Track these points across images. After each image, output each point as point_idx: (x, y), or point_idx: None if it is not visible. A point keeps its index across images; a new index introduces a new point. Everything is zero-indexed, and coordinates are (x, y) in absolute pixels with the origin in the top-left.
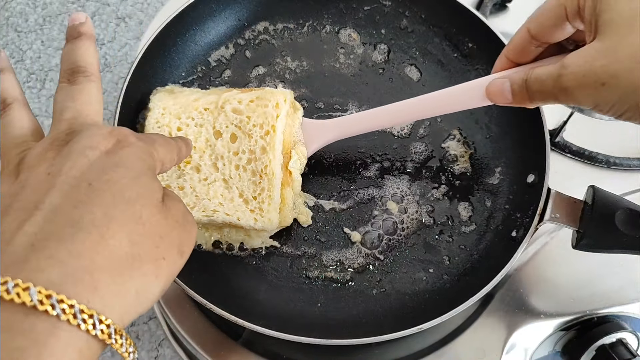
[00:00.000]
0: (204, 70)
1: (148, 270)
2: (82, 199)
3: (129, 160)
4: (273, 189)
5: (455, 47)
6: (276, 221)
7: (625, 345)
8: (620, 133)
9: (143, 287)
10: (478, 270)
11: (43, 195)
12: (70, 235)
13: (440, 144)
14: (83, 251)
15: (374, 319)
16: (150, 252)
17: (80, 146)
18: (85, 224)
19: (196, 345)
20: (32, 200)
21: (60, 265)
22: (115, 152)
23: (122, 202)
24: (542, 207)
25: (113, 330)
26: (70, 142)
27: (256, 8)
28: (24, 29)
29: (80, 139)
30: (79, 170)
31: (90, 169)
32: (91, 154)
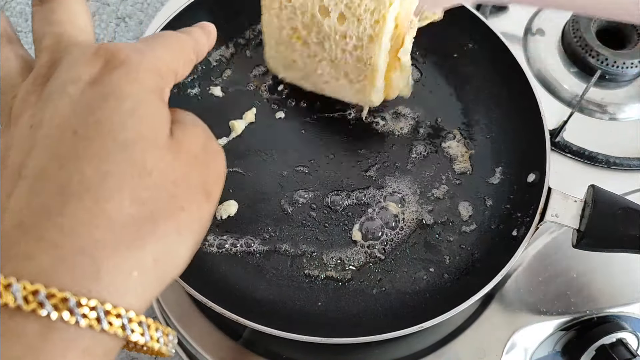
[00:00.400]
0: (204, 69)
1: (165, 229)
2: (68, 154)
3: (121, 87)
4: (375, 79)
5: (455, 47)
6: (378, 102)
7: (625, 345)
8: (620, 133)
9: (163, 252)
10: (478, 269)
11: (26, 156)
12: (59, 207)
13: (441, 144)
14: (76, 225)
15: (374, 317)
16: (165, 206)
17: (59, 83)
18: (74, 189)
19: (196, 345)
20: (16, 164)
21: (51, 248)
22: (102, 80)
23: (116, 149)
24: (543, 207)
25: (127, 320)
26: (51, 77)
27: (256, 8)
28: (24, 29)
29: (60, 72)
30: (61, 117)
31: (75, 111)
32: (73, 90)
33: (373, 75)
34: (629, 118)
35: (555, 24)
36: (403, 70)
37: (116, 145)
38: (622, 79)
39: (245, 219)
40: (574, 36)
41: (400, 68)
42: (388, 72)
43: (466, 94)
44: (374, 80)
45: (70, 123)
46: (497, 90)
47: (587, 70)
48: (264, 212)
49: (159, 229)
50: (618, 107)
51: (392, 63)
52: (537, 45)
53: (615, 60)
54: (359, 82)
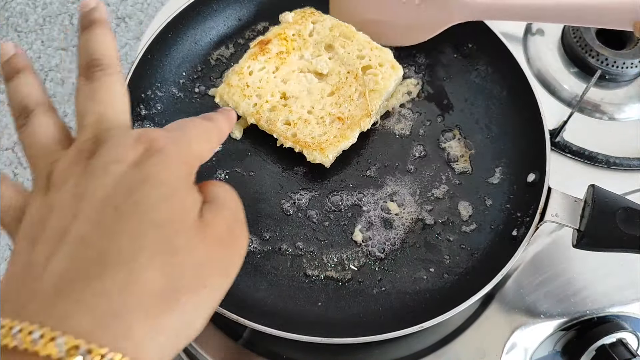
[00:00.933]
0: (204, 69)
1: (188, 302)
2: (109, 227)
3: (157, 173)
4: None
5: (455, 47)
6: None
7: (625, 345)
8: (620, 133)
9: (183, 322)
10: (478, 269)
11: (69, 222)
12: (98, 274)
13: (441, 144)
14: (112, 291)
15: (374, 318)
16: (189, 282)
17: (104, 161)
18: (112, 259)
19: (196, 345)
20: (58, 229)
21: (88, 310)
22: (142, 164)
23: (151, 228)
24: (543, 207)
25: None
26: (96, 154)
27: (256, 8)
28: (24, 29)
29: (105, 151)
30: (104, 192)
31: (116, 189)
32: (116, 170)
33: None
34: (629, 118)
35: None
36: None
37: (151, 225)
38: (622, 79)
39: (246, 219)
40: (574, 36)
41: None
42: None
43: (466, 94)
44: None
45: (112, 199)
46: (497, 90)
47: (587, 70)
48: (264, 212)
49: (182, 301)
50: (618, 107)
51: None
52: (537, 45)
53: (615, 60)
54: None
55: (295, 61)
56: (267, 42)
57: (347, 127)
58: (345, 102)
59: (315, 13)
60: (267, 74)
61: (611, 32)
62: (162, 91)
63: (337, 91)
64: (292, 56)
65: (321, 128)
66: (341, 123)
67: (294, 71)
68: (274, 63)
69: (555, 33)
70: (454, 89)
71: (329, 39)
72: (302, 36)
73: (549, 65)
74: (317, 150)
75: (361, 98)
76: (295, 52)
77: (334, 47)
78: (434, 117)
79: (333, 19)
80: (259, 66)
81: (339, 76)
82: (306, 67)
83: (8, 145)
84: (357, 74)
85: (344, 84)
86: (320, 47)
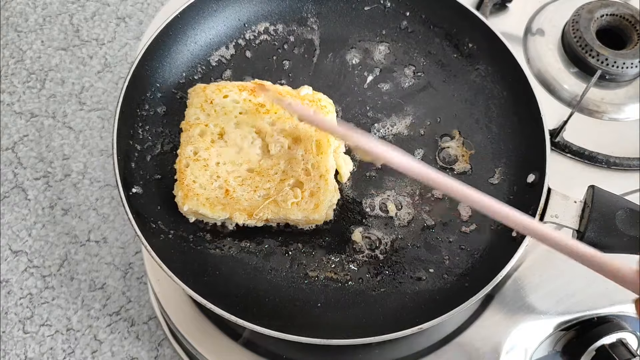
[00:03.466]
0: (204, 70)
1: None
2: None
3: None
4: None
5: (456, 47)
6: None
7: (625, 345)
8: (620, 133)
9: None
10: (478, 270)
11: None
12: None
13: (441, 144)
14: None
15: (374, 318)
16: None
17: None
18: None
19: (196, 345)
20: None
21: None
22: None
23: None
24: (543, 207)
25: None
26: None
27: (256, 8)
28: (24, 29)
29: None
30: None
31: None
32: None
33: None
34: (629, 118)
35: (555, 24)
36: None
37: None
38: (622, 79)
39: None
40: (574, 36)
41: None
42: None
43: (466, 94)
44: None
45: None
46: (497, 90)
47: (587, 70)
48: None
49: None
50: (618, 107)
51: None
52: (537, 45)
53: (615, 60)
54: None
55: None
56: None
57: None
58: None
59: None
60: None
61: (611, 32)
62: (162, 91)
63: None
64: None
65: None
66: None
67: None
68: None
69: (555, 33)
70: (454, 89)
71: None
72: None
73: (549, 65)
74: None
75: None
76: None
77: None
78: (434, 117)
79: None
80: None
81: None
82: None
83: (8, 145)
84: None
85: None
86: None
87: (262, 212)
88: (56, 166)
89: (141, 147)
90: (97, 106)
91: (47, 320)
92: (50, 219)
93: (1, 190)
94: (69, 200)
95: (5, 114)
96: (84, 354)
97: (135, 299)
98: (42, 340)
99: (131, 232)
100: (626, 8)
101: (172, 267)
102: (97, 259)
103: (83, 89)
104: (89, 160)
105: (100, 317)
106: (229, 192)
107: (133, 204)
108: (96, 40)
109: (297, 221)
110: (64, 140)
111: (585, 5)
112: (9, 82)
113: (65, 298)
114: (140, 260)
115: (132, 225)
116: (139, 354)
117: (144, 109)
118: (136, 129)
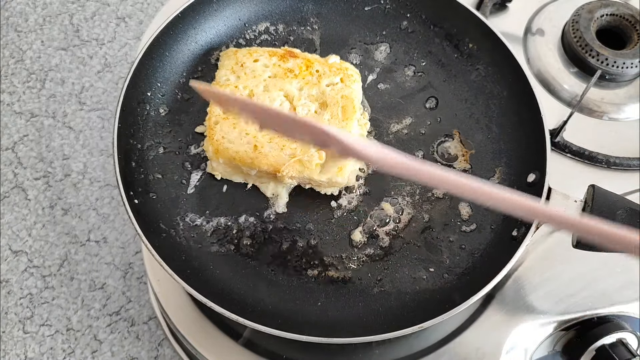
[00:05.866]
0: (205, 69)
1: None
2: None
3: None
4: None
5: (456, 47)
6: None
7: (625, 345)
8: (620, 133)
9: None
10: (478, 269)
11: None
12: None
13: (441, 143)
14: None
15: (374, 317)
16: None
17: None
18: None
19: (196, 345)
20: None
21: None
22: None
23: None
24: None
25: None
26: None
27: (257, 8)
28: (24, 29)
29: None
30: None
31: None
32: None
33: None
34: (629, 118)
35: (555, 24)
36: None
37: None
38: (622, 79)
39: (247, 220)
40: (574, 36)
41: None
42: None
43: (466, 94)
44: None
45: None
46: (497, 90)
47: (587, 70)
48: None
49: None
50: (618, 107)
51: None
52: (537, 45)
53: (615, 60)
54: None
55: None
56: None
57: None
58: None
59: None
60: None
61: (611, 32)
62: (163, 91)
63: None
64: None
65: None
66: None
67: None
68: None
69: (555, 33)
70: (454, 89)
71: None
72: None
73: (549, 65)
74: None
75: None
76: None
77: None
78: (434, 117)
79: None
80: None
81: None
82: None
83: (8, 145)
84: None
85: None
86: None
87: (287, 169)
88: (56, 166)
89: (142, 146)
90: (97, 106)
91: (47, 320)
92: (50, 219)
93: (1, 190)
94: (69, 200)
95: (5, 114)
96: (84, 354)
97: (135, 299)
98: (42, 340)
99: (131, 232)
100: (626, 8)
101: (173, 266)
102: (97, 259)
103: (83, 89)
104: (89, 160)
105: (100, 317)
106: (257, 147)
107: (133, 203)
108: (96, 40)
109: (320, 183)
110: (64, 140)
111: (585, 5)
112: (9, 82)
113: (65, 298)
114: (140, 260)
115: (132, 225)
116: (139, 354)
117: (144, 108)
118: (137, 129)
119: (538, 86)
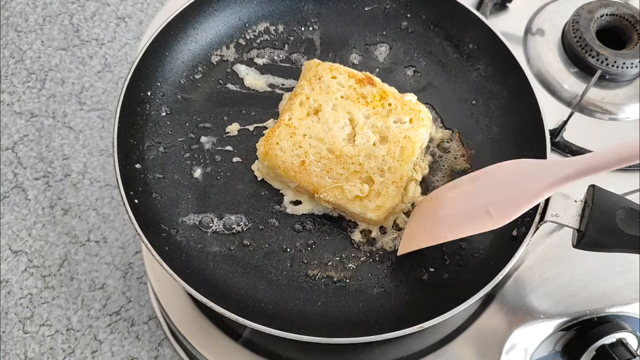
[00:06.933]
0: (205, 69)
1: None
2: None
3: None
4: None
5: (456, 47)
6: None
7: (625, 345)
8: (620, 133)
9: None
10: (479, 269)
11: None
12: None
13: (441, 143)
14: None
15: (374, 317)
16: None
17: None
18: None
19: (196, 345)
20: None
21: None
22: None
23: None
24: (543, 207)
25: None
26: None
27: (257, 8)
28: (24, 29)
29: None
30: None
31: None
32: None
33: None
34: (629, 118)
35: (555, 24)
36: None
37: None
38: (622, 79)
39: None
40: (574, 36)
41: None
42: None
43: (466, 94)
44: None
45: None
46: (497, 90)
47: (587, 70)
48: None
49: None
50: (618, 107)
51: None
52: (537, 45)
53: (615, 60)
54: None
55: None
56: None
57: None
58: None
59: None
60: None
61: (611, 32)
62: (163, 91)
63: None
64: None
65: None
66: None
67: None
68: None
69: (555, 33)
70: (454, 89)
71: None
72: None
73: (549, 65)
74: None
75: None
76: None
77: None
78: (434, 117)
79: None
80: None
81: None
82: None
83: (8, 145)
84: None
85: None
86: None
87: (326, 192)
88: (56, 166)
89: (142, 146)
90: (97, 106)
91: (47, 320)
92: (50, 219)
93: (1, 190)
94: (69, 200)
95: (5, 114)
96: (84, 354)
97: (135, 299)
98: (42, 340)
99: (131, 232)
100: (626, 8)
101: (173, 266)
102: (97, 259)
103: (83, 89)
104: (89, 160)
105: (100, 317)
106: (304, 163)
107: (133, 203)
108: (96, 40)
109: (352, 214)
110: (64, 140)
111: (585, 5)
112: (9, 82)
113: (65, 298)
114: (140, 260)
115: (132, 225)
116: (139, 354)
117: (144, 108)
118: (137, 129)
119: (538, 86)
